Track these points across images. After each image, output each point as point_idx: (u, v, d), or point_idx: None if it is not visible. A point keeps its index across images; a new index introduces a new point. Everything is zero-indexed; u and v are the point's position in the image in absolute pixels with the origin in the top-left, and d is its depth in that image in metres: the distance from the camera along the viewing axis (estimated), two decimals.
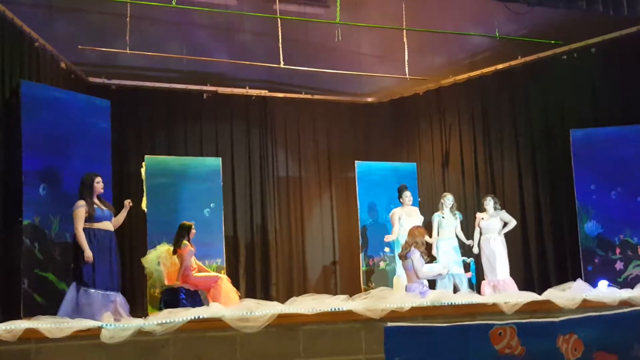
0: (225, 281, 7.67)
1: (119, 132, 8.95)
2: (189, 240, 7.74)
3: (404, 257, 7.09)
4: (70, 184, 7.21)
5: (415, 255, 6.97)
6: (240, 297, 7.52)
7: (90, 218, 6.47)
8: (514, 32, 8.73)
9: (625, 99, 8.78)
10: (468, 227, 9.28)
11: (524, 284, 8.50)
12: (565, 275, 8.41)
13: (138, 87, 9.78)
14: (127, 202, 6.87)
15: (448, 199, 8.85)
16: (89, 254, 6.33)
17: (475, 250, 8.65)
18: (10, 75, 7.26)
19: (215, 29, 8.73)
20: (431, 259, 7.85)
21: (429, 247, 7.98)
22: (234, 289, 7.72)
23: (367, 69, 9.60)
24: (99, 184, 6.66)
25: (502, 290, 8.15)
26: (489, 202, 8.64)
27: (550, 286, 6.34)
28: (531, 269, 9.30)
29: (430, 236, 8.52)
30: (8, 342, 4.49)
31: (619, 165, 8.59)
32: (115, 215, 6.80)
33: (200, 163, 9.42)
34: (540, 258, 9.30)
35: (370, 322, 4.89)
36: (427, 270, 7.09)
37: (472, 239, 8.74)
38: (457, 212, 8.91)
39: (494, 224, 8.57)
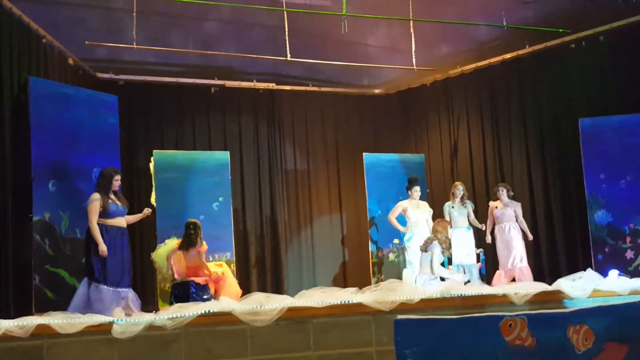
0: (228, 272, 7.79)
1: (127, 127, 9.00)
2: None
3: (424, 249, 7.11)
4: (80, 179, 7.26)
5: (436, 250, 7.00)
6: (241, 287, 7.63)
7: (105, 212, 6.46)
8: (521, 21, 8.67)
9: (634, 87, 8.73)
10: (478, 217, 9.26)
11: (534, 274, 8.48)
12: (575, 265, 8.39)
13: (146, 82, 9.79)
14: (147, 210, 6.94)
15: (459, 189, 8.80)
16: (103, 247, 6.32)
17: (488, 239, 8.63)
18: (19, 72, 7.30)
19: (221, 22, 8.72)
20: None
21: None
22: (235, 280, 7.81)
23: (374, 60, 9.58)
24: (117, 182, 6.69)
25: (517, 279, 8.13)
26: (503, 192, 8.60)
27: (560, 276, 6.33)
28: (541, 259, 9.28)
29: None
30: (20, 338, 4.52)
31: (628, 154, 8.55)
32: (130, 212, 6.83)
33: (208, 157, 9.42)
34: (551, 248, 9.28)
35: (380, 314, 4.90)
36: (447, 273, 7.09)
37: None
38: (467, 202, 8.87)
39: (509, 213, 8.53)
